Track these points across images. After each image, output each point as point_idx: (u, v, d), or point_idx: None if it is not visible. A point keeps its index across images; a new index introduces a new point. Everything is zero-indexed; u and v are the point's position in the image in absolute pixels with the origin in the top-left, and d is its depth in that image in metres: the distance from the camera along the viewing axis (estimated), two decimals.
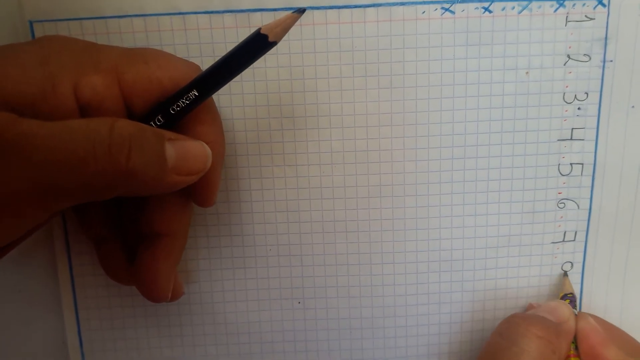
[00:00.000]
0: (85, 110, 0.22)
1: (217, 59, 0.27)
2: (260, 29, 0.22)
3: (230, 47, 0.27)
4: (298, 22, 0.27)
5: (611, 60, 0.28)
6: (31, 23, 0.27)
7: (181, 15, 0.27)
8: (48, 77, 0.21)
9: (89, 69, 0.22)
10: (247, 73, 0.27)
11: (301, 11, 0.22)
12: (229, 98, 0.28)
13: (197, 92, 0.22)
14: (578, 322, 0.28)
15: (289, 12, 0.22)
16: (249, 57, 0.22)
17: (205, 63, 0.27)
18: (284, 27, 0.22)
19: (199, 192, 0.25)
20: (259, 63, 0.27)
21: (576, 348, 0.28)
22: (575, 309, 0.29)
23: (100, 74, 0.22)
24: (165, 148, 0.21)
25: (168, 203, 0.25)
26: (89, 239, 0.28)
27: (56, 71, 0.21)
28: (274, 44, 0.22)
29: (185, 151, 0.22)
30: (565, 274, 0.30)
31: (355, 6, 0.27)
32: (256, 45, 0.22)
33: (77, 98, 0.21)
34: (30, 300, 0.30)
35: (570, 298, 0.29)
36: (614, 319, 0.30)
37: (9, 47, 0.22)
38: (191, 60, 0.27)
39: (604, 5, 0.27)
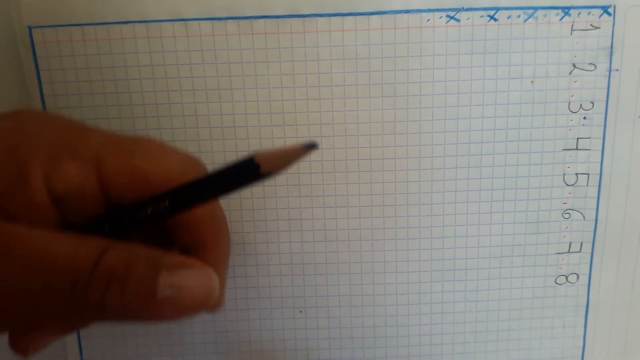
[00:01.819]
0: (59, 200, 0.19)
1: (219, 66, 0.27)
2: (253, 155, 0.17)
3: (232, 54, 0.27)
4: (301, 29, 0.27)
5: (617, 70, 0.28)
6: (30, 29, 0.27)
7: (183, 22, 0.27)
8: (17, 168, 0.18)
9: (65, 155, 0.19)
10: (249, 80, 0.27)
11: (312, 146, 0.17)
12: (231, 105, 0.28)
13: (169, 204, 0.19)
14: None
15: (295, 145, 0.17)
16: (234, 185, 0.18)
17: (207, 70, 0.27)
18: (285, 161, 0.17)
19: None
20: (261, 70, 0.27)
21: None
22: None
23: (76, 162, 0.19)
24: (159, 281, 0.18)
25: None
26: None
27: (26, 159, 0.19)
28: (267, 176, 0.17)
29: (182, 280, 0.18)
30: None
31: (359, 13, 0.27)
32: (245, 174, 0.18)
33: (50, 189, 0.19)
34: None
35: None
36: (620, 332, 0.29)
37: None
38: (193, 66, 0.27)
39: (609, 14, 0.27)
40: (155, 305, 0.18)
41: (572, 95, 0.28)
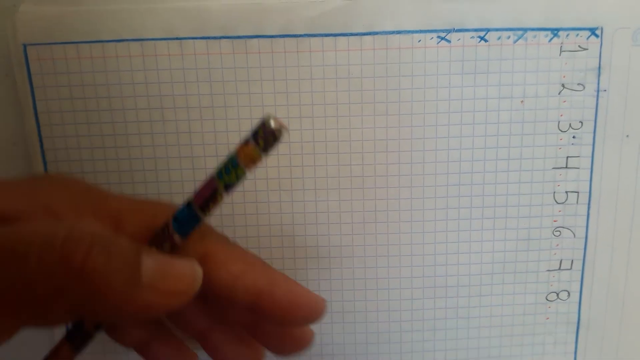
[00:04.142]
0: None
1: (213, 84, 0.27)
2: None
3: (226, 72, 0.27)
4: (295, 49, 0.27)
5: (605, 90, 0.28)
6: (25, 46, 0.27)
7: (178, 40, 0.27)
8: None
9: (88, 213, 0.20)
10: (243, 98, 0.28)
11: None
12: (225, 123, 0.28)
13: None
14: None
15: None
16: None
17: (202, 88, 0.27)
18: None
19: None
20: (254, 89, 0.28)
21: None
22: None
23: (97, 220, 0.20)
24: (142, 259, 0.17)
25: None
26: (126, 346, 0.23)
27: (59, 216, 0.19)
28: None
29: (166, 266, 0.18)
30: None
31: (352, 34, 0.27)
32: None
33: None
34: None
35: None
36: (611, 349, 0.30)
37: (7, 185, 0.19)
38: (187, 84, 0.27)
39: (597, 35, 0.27)
40: (140, 285, 0.17)
41: (561, 115, 0.28)
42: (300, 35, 0.27)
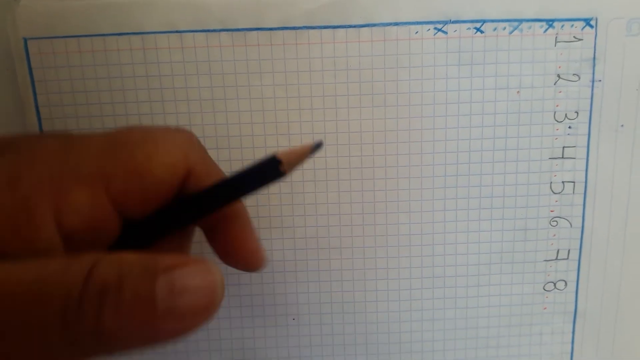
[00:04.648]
0: (70, 236, 0.17)
1: (212, 76, 0.28)
2: (275, 154, 0.19)
3: (226, 65, 0.28)
4: (293, 41, 0.27)
5: (600, 80, 0.28)
6: (26, 40, 0.27)
7: (178, 34, 0.27)
8: (20, 204, 0.16)
9: (69, 181, 0.17)
10: (243, 91, 0.28)
11: (320, 145, 0.19)
12: (225, 116, 0.28)
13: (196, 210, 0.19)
14: None
15: (306, 144, 0.19)
16: (257, 185, 0.19)
17: (202, 80, 0.28)
18: (299, 158, 0.19)
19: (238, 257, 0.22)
20: (254, 81, 0.28)
21: None
22: None
23: (83, 188, 0.17)
24: (157, 286, 0.15)
25: None
26: None
27: (30, 194, 0.16)
28: (285, 174, 0.19)
29: (182, 286, 0.16)
30: None
31: (350, 26, 0.27)
32: (267, 173, 0.19)
33: (60, 225, 0.17)
34: None
35: None
36: (608, 338, 0.30)
37: None
38: (187, 77, 0.28)
39: (591, 26, 0.28)
40: (157, 317, 0.15)
41: (557, 105, 0.29)
42: (299, 28, 0.27)
